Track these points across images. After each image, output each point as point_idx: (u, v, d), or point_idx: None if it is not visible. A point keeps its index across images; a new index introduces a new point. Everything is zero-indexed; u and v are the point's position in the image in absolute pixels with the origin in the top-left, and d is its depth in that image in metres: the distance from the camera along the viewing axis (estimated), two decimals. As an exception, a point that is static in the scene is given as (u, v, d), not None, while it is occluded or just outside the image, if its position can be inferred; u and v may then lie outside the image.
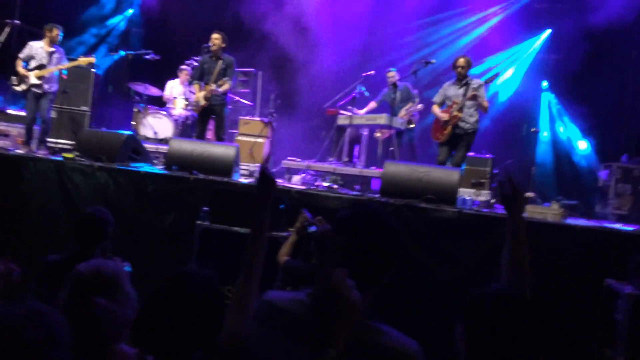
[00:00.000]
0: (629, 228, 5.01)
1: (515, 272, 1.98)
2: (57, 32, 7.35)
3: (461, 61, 6.53)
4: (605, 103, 8.59)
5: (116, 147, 5.67)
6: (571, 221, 5.15)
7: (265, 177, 1.91)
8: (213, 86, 7.09)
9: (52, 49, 7.34)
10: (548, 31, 9.64)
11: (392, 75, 8.12)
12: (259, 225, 1.89)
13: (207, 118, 7.38)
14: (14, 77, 7.26)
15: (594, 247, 4.44)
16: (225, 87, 7.20)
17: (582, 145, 9.08)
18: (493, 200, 7.15)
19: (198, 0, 10.69)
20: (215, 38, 7.25)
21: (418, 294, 4.56)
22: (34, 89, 7.21)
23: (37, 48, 7.30)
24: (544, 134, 9.31)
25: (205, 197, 5.08)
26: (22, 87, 7.22)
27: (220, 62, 7.25)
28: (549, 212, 5.00)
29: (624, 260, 4.07)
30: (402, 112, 7.87)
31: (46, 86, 7.27)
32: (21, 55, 7.27)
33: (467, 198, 5.81)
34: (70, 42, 10.21)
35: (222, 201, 5.05)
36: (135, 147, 5.99)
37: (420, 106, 7.93)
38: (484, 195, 7.09)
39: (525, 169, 7.70)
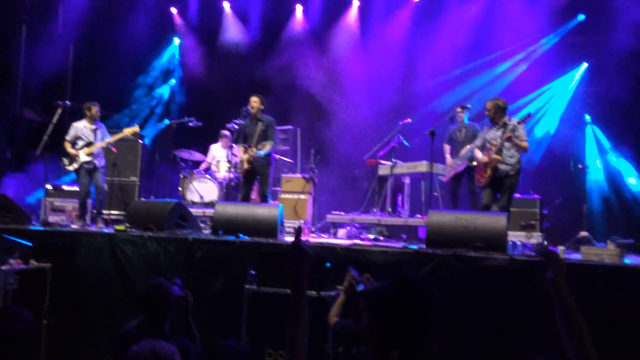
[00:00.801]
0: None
1: (575, 347, 1.77)
2: (96, 109, 7.74)
3: (488, 105, 6.54)
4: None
5: (164, 216, 5.83)
6: (630, 261, 4.92)
7: (299, 249, 1.94)
8: (254, 150, 7.26)
9: (94, 126, 7.71)
10: (585, 65, 9.52)
11: (460, 111, 7.93)
12: (298, 294, 1.91)
13: (252, 180, 7.53)
14: (64, 159, 7.62)
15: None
16: (267, 148, 7.32)
17: (633, 180, 8.75)
18: (546, 243, 6.95)
19: (234, 65, 11.13)
20: (254, 101, 7.46)
21: (472, 347, 4.40)
22: (86, 166, 7.56)
23: (81, 127, 7.69)
24: (593, 169, 9.04)
25: (252, 260, 5.11)
26: (74, 165, 7.58)
27: (260, 123, 7.40)
28: (605, 252, 4.80)
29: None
30: (463, 150, 7.72)
31: (96, 161, 7.61)
32: (67, 137, 7.66)
33: (518, 242, 5.67)
34: (119, 115, 10.79)
35: (268, 263, 5.08)
36: (182, 214, 6.15)
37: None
38: (536, 238, 6.92)
39: (576, 208, 7.47)
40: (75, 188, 8.06)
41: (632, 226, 8.20)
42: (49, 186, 8.26)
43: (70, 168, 7.63)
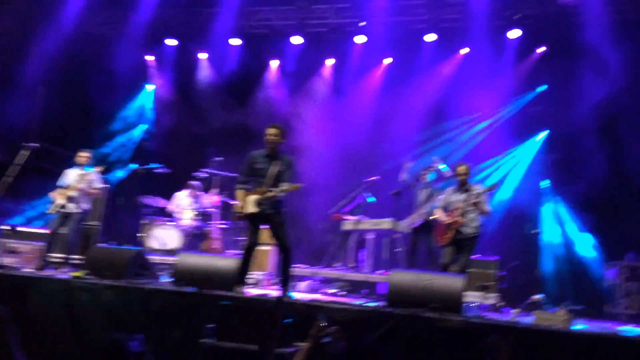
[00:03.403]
0: (639, 330, 4.91)
1: None
2: (86, 156, 7.75)
3: (461, 169, 6.77)
4: (607, 201, 8.67)
5: (123, 264, 5.77)
6: (579, 326, 5.07)
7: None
8: (273, 192, 5.74)
9: (83, 172, 7.68)
10: (546, 132, 9.97)
11: (424, 173, 8.05)
12: (269, 351, 1.93)
13: (258, 226, 6.00)
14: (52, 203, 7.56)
15: (603, 354, 4.33)
16: (286, 189, 5.75)
17: (586, 244, 9.06)
18: (501, 304, 7.09)
19: (207, 115, 11.27)
20: (272, 133, 5.94)
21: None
22: (60, 210, 7.47)
23: (70, 173, 7.72)
24: (548, 234, 9.32)
25: (212, 313, 5.07)
26: (52, 208, 7.50)
27: (279, 163, 5.90)
28: (556, 318, 4.95)
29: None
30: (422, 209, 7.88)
31: (71, 205, 7.51)
32: (59, 183, 7.66)
33: (473, 304, 5.78)
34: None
35: (228, 316, 5.04)
36: (142, 263, 6.09)
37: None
38: (492, 299, 7.05)
39: (531, 271, 7.66)
40: (36, 230, 7.91)
41: (586, 289, 8.43)
42: (4, 227, 8.09)
43: (49, 211, 7.54)
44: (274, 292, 6.38)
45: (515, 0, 9.61)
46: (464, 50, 10.30)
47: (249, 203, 5.85)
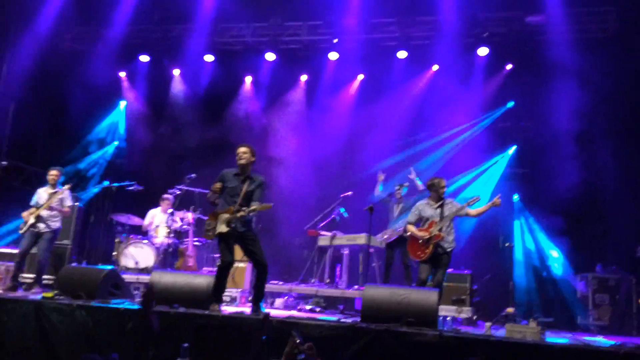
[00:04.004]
0: (608, 342, 5.04)
1: None
2: (55, 174, 7.61)
3: (435, 185, 6.77)
4: (575, 214, 8.89)
5: (96, 284, 5.69)
6: (551, 337, 5.17)
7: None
8: (242, 211, 5.75)
9: (53, 190, 7.55)
10: (514, 147, 10.20)
11: (398, 189, 8.18)
12: None
13: (230, 244, 5.95)
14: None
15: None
16: (254, 208, 5.73)
17: (556, 257, 9.27)
18: (475, 317, 7.18)
19: (181, 131, 11.24)
20: (243, 152, 6.04)
21: None
22: (32, 229, 7.33)
23: (41, 192, 7.57)
24: (520, 247, 9.51)
25: (187, 332, 5.03)
26: (23, 228, 7.35)
27: (249, 182, 5.98)
28: (527, 330, 5.04)
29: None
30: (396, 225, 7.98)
31: (42, 225, 7.38)
32: (32, 202, 7.51)
33: (449, 318, 5.86)
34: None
35: (203, 336, 5.01)
36: (115, 282, 6.01)
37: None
38: (465, 312, 7.14)
39: (504, 284, 7.79)
40: (2, 250, 7.76)
41: (558, 301, 8.60)
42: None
43: (20, 231, 7.40)
44: (248, 309, 6.36)
45: (484, 18, 9.88)
46: (435, 67, 10.51)
47: (219, 222, 5.85)
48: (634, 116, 8.99)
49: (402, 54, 10.46)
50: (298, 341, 3.89)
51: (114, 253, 8.56)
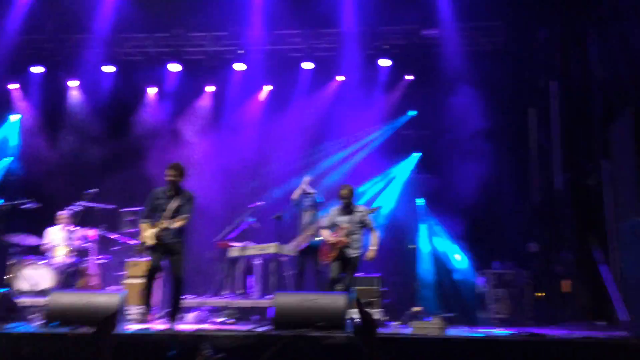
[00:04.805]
0: (505, 332, 5.38)
1: None
2: None
3: (345, 192, 6.96)
4: (474, 215, 9.41)
5: (-13, 309, 5.29)
6: (453, 332, 5.44)
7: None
8: (166, 223, 6.17)
9: None
10: (419, 154, 10.64)
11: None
12: None
13: (160, 255, 6.30)
14: None
15: (476, 356, 4.70)
16: (180, 223, 6.23)
17: (458, 256, 9.76)
18: (385, 318, 7.40)
19: (80, 145, 10.73)
20: (171, 174, 6.35)
21: None
22: None
23: None
24: (424, 249, 9.91)
25: (90, 354, 4.78)
26: None
27: (179, 198, 6.35)
28: (431, 326, 5.28)
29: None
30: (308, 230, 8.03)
31: None
32: None
33: (358, 319, 5.97)
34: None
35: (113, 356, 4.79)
36: (9, 306, 5.63)
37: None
38: (376, 314, 7.34)
39: (410, 285, 8.09)
40: None
41: (460, 298, 9.03)
42: None
43: None
44: (158, 326, 6.17)
45: (384, 31, 10.27)
46: (340, 78, 10.78)
47: (148, 236, 6.26)
48: (523, 120, 9.76)
49: (307, 65, 10.64)
50: (209, 354, 3.85)
51: (7, 276, 7.98)
